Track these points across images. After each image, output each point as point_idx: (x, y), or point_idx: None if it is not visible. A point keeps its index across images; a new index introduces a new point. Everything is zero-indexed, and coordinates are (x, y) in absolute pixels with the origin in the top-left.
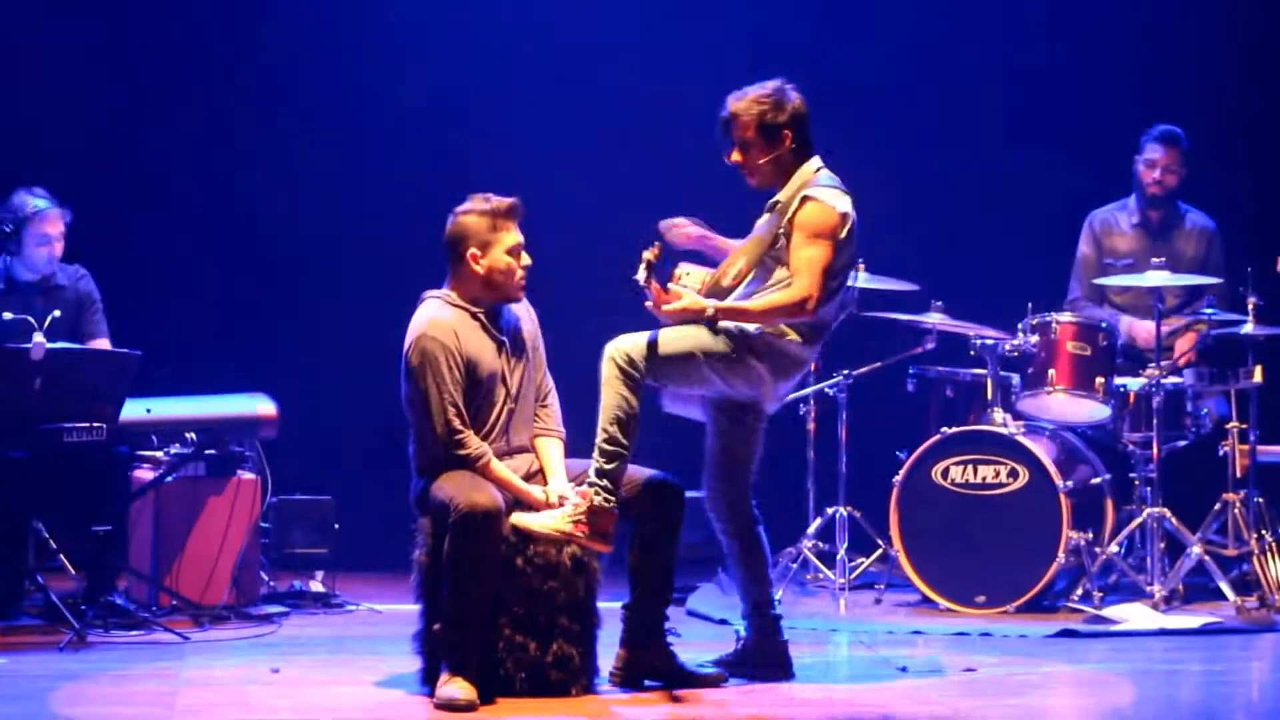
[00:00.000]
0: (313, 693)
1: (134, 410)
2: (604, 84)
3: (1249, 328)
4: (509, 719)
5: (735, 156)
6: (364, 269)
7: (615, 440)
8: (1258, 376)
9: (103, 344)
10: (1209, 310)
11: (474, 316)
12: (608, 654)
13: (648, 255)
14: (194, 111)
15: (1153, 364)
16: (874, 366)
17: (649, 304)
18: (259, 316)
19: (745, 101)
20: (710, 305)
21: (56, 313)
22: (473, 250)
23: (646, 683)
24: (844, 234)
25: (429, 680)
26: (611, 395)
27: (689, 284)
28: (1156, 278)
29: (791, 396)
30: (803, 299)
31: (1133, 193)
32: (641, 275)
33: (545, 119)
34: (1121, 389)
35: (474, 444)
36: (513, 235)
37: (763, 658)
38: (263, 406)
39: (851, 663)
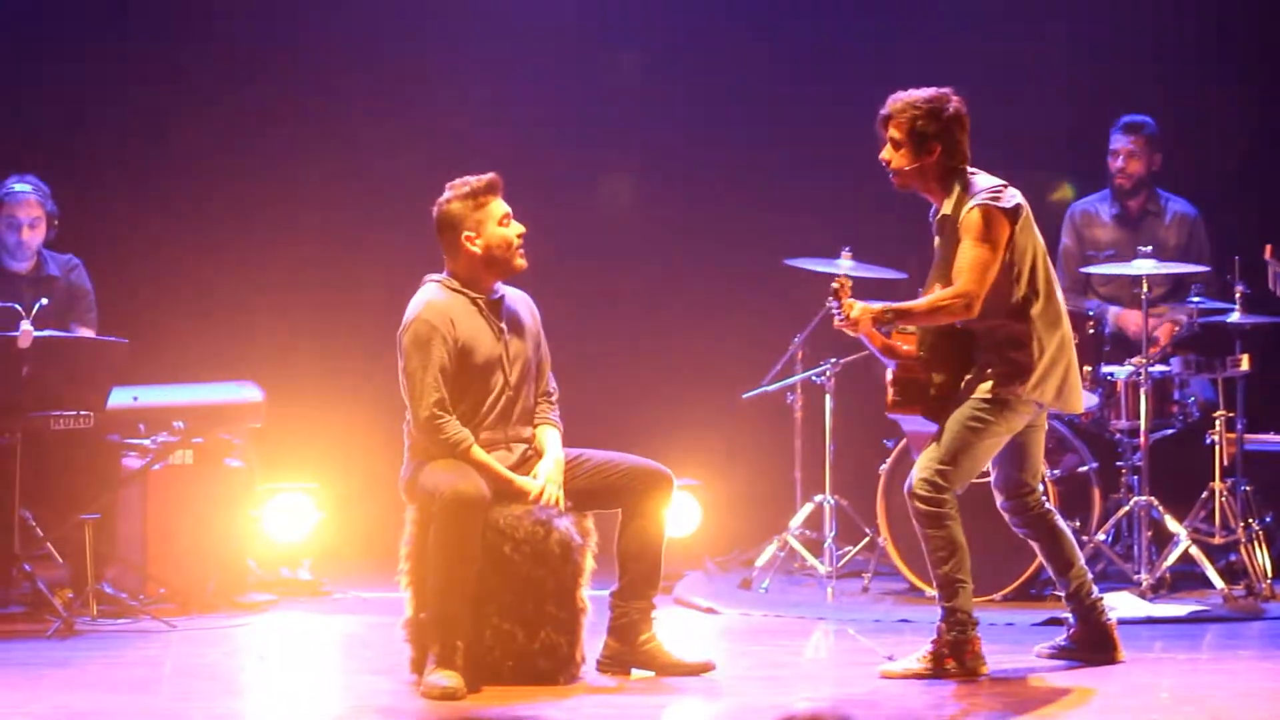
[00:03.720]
0: (300, 680)
1: (121, 398)
2: (588, 82)
3: (1236, 316)
4: (496, 707)
5: (884, 155)
6: (352, 258)
7: (949, 578)
8: (1245, 365)
9: (86, 334)
10: (1196, 299)
11: (473, 302)
12: (594, 642)
13: (837, 283)
14: (182, 101)
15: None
16: (861, 354)
17: (837, 319)
18: (247, 306)
19: (902, 104)
20: (883, 307)
21: (44, 300)
22: (467, 233)
23: (634, 671)
24: (1015, 229)
25: (416, 668)
26: (929, 538)
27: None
28: (1141, 267)
29: (777, 386)
30: (963, 296)
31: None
32: (833, 300)
33: (533, 109)
34: (1109, 377)
35: (454, 429)
36: (499, 207)
37: (1089, 641)
38: (250, 395)
39: (839, 651)
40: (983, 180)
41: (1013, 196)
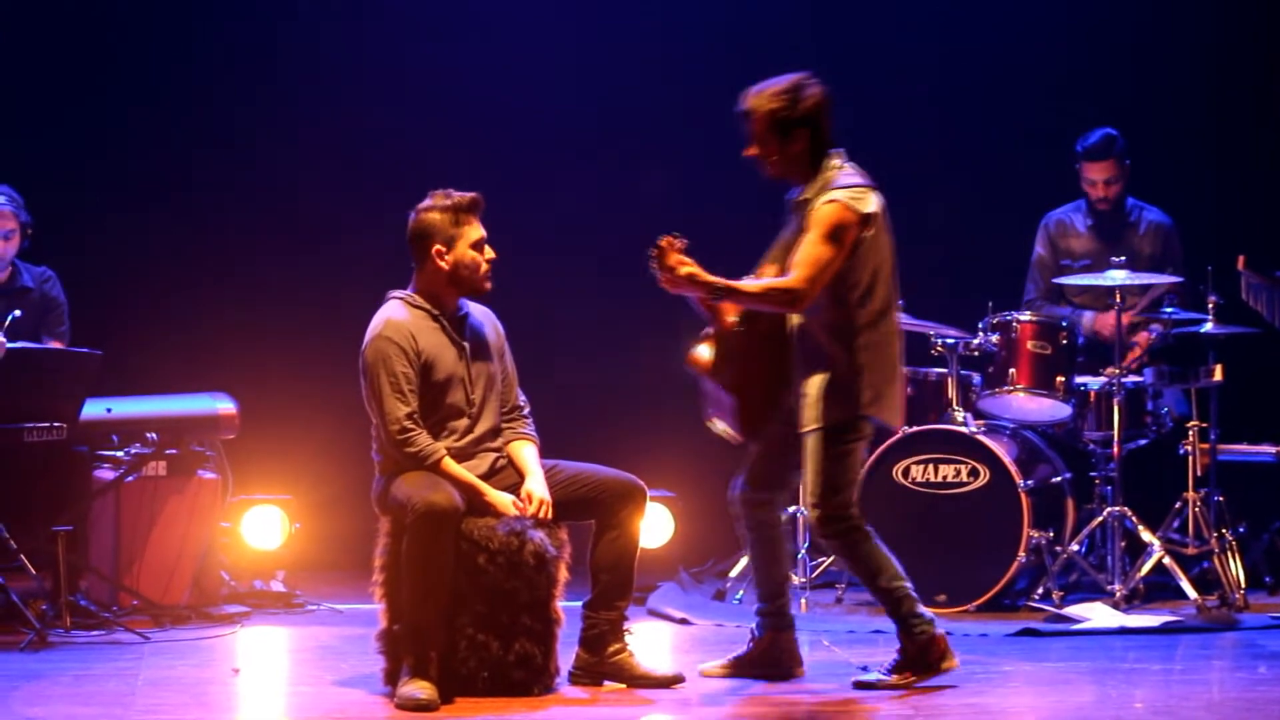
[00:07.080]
0: (273, 693)
1: (94, 410)
2: (577, 83)
3: (1209, 326)
4: (470, 718)
5: (751, 150)
6: (324, 269)
7: (888, 591)
8: (1218, 375)
9: (56, 347)
10: (1169, 309)
11: (435, 319)
12: (567, 653)
13: (664, 242)
14: (156, 113)
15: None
16: None
17: (662, 275)
18: (220, 317)
19: (761, 97)
20: (714, 281)
21: (17, 313)
22: (437, 247)
23: (606, 683)
24: (866, 234)
25: (390, 680)
26: (851, 561)
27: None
28: (1114, 277)
29: None
30: (794, 291)
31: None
32: (654, 263)
33: (511, 118)
34: (1082, 387)
35: (425, 443)
36: (475, 230)
37: (764, 658)
38: (223, 406)
39: (812, 662)
40: (848, 177)
41: (871, 202)
